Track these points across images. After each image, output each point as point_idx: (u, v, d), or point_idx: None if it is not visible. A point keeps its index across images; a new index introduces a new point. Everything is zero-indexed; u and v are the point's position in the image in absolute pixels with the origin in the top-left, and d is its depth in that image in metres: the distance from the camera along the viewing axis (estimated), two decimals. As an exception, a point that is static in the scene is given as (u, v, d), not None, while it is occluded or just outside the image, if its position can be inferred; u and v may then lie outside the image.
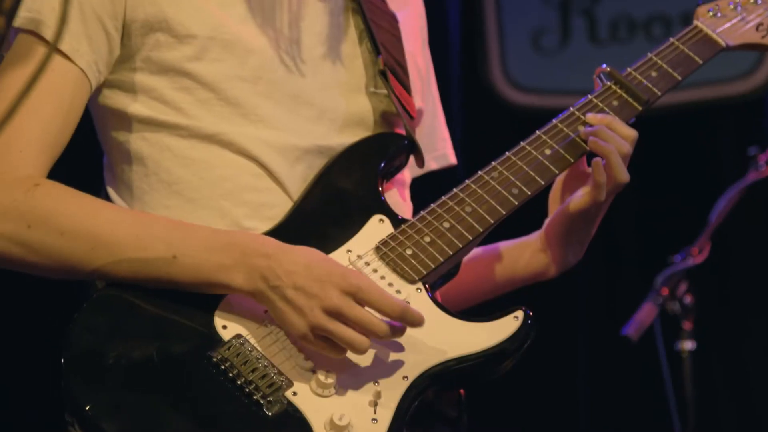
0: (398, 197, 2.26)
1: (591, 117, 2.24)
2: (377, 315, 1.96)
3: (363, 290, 1.95)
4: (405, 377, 1.98)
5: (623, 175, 2.20)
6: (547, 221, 2.36)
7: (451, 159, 2.51)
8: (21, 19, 2.06)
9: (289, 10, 2.21)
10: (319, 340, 1.96)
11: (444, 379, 2.01)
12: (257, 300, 1.99)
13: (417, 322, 1.98)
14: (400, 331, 1.98)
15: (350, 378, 1.97)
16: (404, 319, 1.97)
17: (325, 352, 1.97)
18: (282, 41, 2.19)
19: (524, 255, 2.39)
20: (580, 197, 2.24)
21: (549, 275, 2.40)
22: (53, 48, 2.04)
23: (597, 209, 2.25)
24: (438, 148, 2.47)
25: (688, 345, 3.92)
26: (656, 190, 4.81)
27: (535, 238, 2.39)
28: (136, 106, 2.14)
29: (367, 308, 1.96)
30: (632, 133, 2.23)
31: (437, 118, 2.49)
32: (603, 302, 4.93)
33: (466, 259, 2.19)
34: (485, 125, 5.05)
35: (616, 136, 2.21)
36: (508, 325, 2.03)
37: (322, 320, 1.94)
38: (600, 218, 2.30)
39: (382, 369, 1.98)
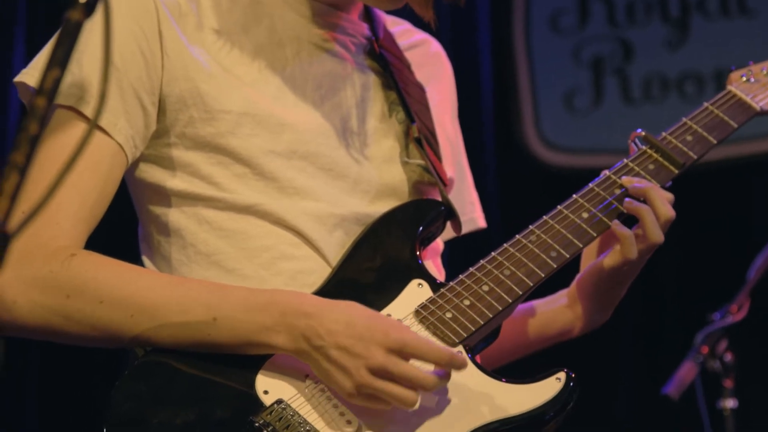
0: (431, 265, 2.25)
1: (626, 180, 2.25)
2: (424, 366, 1.95)
3: (408, 345, 1.95)
4: (448, 440, 1.97)
5: (656, 236, 2.19)
6: (577, 277, 2.36)
7: (480, 223, 2.50)
8: (61, 95, 2.06)
9: (320, 86, 2.23)
10: (365, 398, 1.95)
11: (487, 443, 1.99)
12: (301, 359, 1.98)
13: (462, 365, 1.97)
14: (447, 378, 1.97)
15: (393, 442, 1.96)
16: (452, 366, 1.96)
17: (373, 406, 1.96)
18: (314, 116, 2.19)
19: (557, 313, 2.39)
20: (612, 254, 2.24)
21: (573, 334, 2.39)
22: (94, 124, 2.03)
23: (628, 268, 2.24)
24: (466, 212, 2.46)
25: (729, 403, 3.87)
26: (694, 248, 4.79)
27: (563, 294, 2.39)
28: (173, 181, 2.15)
29: (413, 361, 1.95)
30: (669, 196, 2.23)
31: (465, 182, 2.49)
32: (643, 361, 4.89)
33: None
34: (520, 185, 5.06)
35: (659, 199, 2.20)
36: (550, 387, 2.02)
37: (369, 380, 1.93)
38: (629, 281, 2.29)
39: (426, 432, 1.98)
